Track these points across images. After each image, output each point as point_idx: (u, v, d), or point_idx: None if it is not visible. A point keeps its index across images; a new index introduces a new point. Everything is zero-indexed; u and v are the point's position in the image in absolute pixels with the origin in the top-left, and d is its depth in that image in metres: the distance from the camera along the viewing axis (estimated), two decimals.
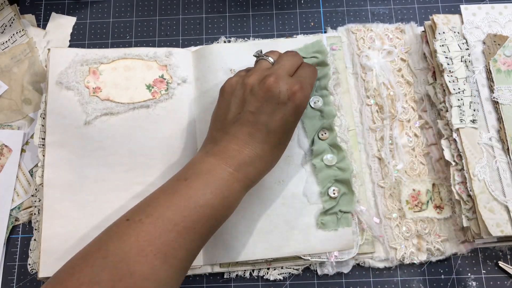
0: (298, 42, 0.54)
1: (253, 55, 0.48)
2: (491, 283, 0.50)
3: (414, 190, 0.51)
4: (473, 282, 0.50)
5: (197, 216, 0.38)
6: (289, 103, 0.42)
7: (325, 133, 0.51)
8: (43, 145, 0.51)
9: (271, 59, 0.46)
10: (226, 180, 0.40)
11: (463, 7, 0.54)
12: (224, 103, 0.44)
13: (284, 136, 0.43)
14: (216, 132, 0.43)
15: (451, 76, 0.51)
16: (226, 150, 0.41)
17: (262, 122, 0.41)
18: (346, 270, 0.50)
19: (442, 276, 0.50)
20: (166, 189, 0.40)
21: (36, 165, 0.54)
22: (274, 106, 0.41)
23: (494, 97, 0.50)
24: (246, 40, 0.58)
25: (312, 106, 0.52)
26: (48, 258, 0.47)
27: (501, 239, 0.47)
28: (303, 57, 0.54)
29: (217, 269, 0.49)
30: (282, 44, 0.54)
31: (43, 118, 0.52)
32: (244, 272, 0.50)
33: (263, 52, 0.48)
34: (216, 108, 0.45)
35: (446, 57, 0.52)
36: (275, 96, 0.41)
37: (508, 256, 0.51)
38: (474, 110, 0.50)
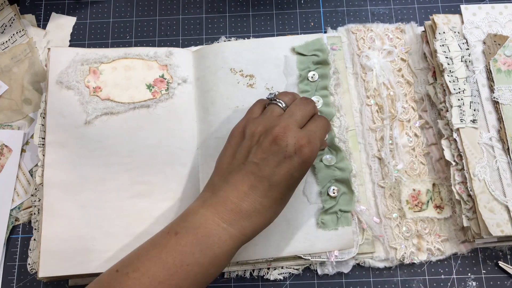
0: (298, 40, 0.54)
1: (267, 97, 0.46)
2: (491, 283, 0.50)
3: (414, 190, 0.51)
4: (473, 282, 0.50)
5: (184, 275, 0.37)
6: (296, 157, 0.39)
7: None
8: (43, 144, 0.51)
9: (283, 104, 0.44)
10: (218, 237, 0.38)
11: (463, 7, 0.54)
12: (230, 149, 0.42)
13: (287, 191, 0.41)
14: (217, 179, 0.41)
15: (451, 76, 0.51)
16: (224, 202, 0.39)
17: (265, 174, 0.39)
18: (346, 270, 0.50)
19: (442, 276, 0.50)
20: (156, 242, 0.39)
21: (36, 165, 0.54)
22: (279, 159, 0.39)
23: (494, 97, 0.50)
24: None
25: None
26: (48, 258, 0.47)
27: (501, 239, 0.47)
28: (304, 55, 0.54)
29: None
30: (283, 42, 0.54)
31: (43, 118, 0.52)
32: (244, 272, 0.50)
33: (278, 93, 0.46)
34: (221, 153, 0.43)
35: (446, 57, 0.52)
36: (281, 148, 0.39)
37: (508, 256, 0.51)
38: (474, 110, 0.50)
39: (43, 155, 0.51)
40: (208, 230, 0.38)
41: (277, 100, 0.44)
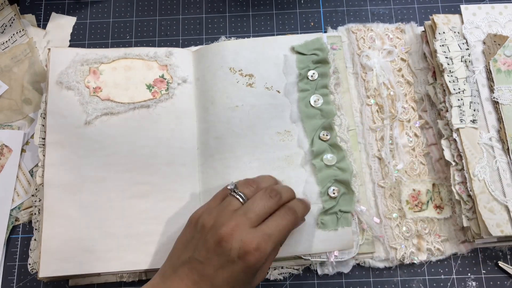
0: (298, 39, 0.54)
1: (227, 188, 0.44)
2: (491, 283, 0.50)
3: (414, 190, 0.51)
4: (473, 282, 0.50)
5: None
6: (239, 263, 0.37)
7: (326, 135, 0.51)
8: (43, 145, 0.51)
9: (242, 198, 0.41)
10: None
11: (463, 7, 0.54)
12: (184, 237, 0.41)
13: None
14: (168, 267, 0.40)
15: (451, 76, 0.51)
16: None
17: (208, 274, 0.38)
18: (346, 270, 0.50)
19: (442, 276, 0.50)
20: None
21: (36, 165, 0.54)
22: (222, 261, 0.37)
23: (494, 97, 0.50)
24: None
25: (313, 104, 0.52)
26: (48, 258, 0.47)
27: (501, 239, 0.47)
28: (303, 54, 0.54)
29: None
30: (282, 41, 0.54)
31: (43, 118, 0.52)
32: None
33: (238, 185, 0.43)
34: (177, 238, 0.42)
35: (446, 57, 0.52)
36: (225, 251, 0.37)
37: (508, 256, 0.51)
38: (474, 110, 0.50)
39: (43, 155, 0.51)
40: None
41: (236, 191, 0.42)
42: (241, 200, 0.41)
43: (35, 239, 0.51)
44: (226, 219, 0.39)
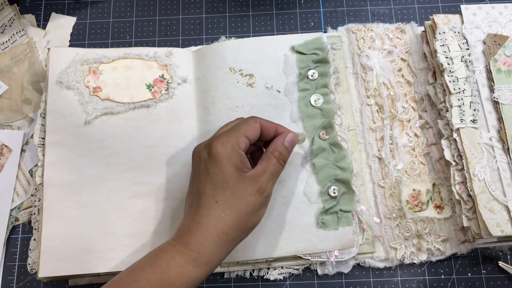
0: (298, 38, 0.54)
1: None
2: (491, 283, 0.50)
3: (414, 190, 0.51)
4: (473, 282, 0.50)
5: None
6: (208, 158, 0.41)
7: (326, 134, 0.51)
8: (43, 144, 0.51)
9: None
10: (166, 253, 0.39)
11: (463, 7, 0.54)
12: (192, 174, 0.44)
13: (218, 192, 0.40)
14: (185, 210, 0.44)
15: (452, 76, 0.51)
16: (179, 227, 0.41)
17: (194, 188, 0.42)
18: (346, 270, 0.50)
19: (442, 276, 0.50)
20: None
21: (36, 165, 0.54)
22: (199, 168, 0.42)
23: (494, 97, 0.50)
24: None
25: (313, 104, 0.52)
26: (48, 258, 0.47)
27: (501, 239, 0.47)
28: (303, 53, 0.54)
29: (217, 269, 0.49)
30: (282, 41, 0.54)
31: (43, 118, 0.52)
32: (244, 272, 0.50)
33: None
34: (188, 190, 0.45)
35: (447, 57, 0.52)
36: (196, 158, 0.42)
37: (508, 256, 0.51)
38: (475, 110, 0.50)
39: (43, 155, 0.51)
40: (160, 247, 0.40)
41: None
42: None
43: (34, 239, 0.51)
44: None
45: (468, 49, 0.52)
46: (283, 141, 0.44)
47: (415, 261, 0.50)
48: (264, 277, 0.50)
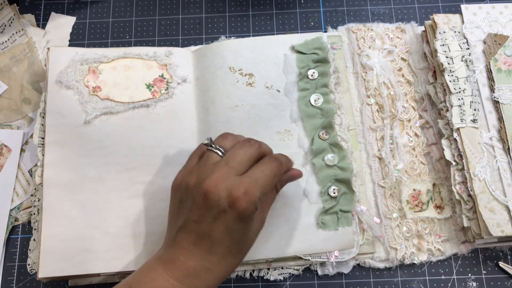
0: (298, 38, 0.54)
1: (203, 144, 0.42)
2: (492, 283, 0.50)
3: (414, 190, 0.51)
4: (473, 283, 0.50)
5: None
6: (231, 211, 0.36)
7: (326, 134, 0.50)
8: (43, 144, 0.51)
9: (220, 151, 0.40)
10: None
11: (463, 6, 0.54)
12: (172, 205, 0.41)
13: (234, 244, 0.38)
14: (168, 236, 0.40)
15: (452, 75, 0.51)
16: (172, 259, 0.38)
17: (205, 231, 0.37)
18: (346, 270, 0.50)
19: (443, 277, 0.50)
20: None
21: (36, 165, 0.54)
22: (215, 214, 0.37)
23: (494, 97, 0.50)
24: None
25: (313, 104, 0.52)
26: (47, 258, 0.47)
27: (502, 239, 0.47)
28: (303, 53, 0.54)
29: None
30: (282, 40, 0.54)
31: (43, 118, 0.52)
32: (244, 273, 0.50)
33: (214, 139, 0.41)
34: (169, 211, 0.42)
35: (447, 57, 0.52)
36: (214, 203, 0.36)
37: (509, 256, 0.51)
38: (475, 110, 0.50)
39: (43, 155, 0.50)
40: (158, 285, 0.37)
41: (213, 146, 0.40)
42: (220, 153, 0.40)
43: (34, 239, 0.51)
44: (208, 173, 0.38)
45: (468, 48, 0.52)
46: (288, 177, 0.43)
47: (415, 261, 0.50)
48: (264, 277, 0.50)
